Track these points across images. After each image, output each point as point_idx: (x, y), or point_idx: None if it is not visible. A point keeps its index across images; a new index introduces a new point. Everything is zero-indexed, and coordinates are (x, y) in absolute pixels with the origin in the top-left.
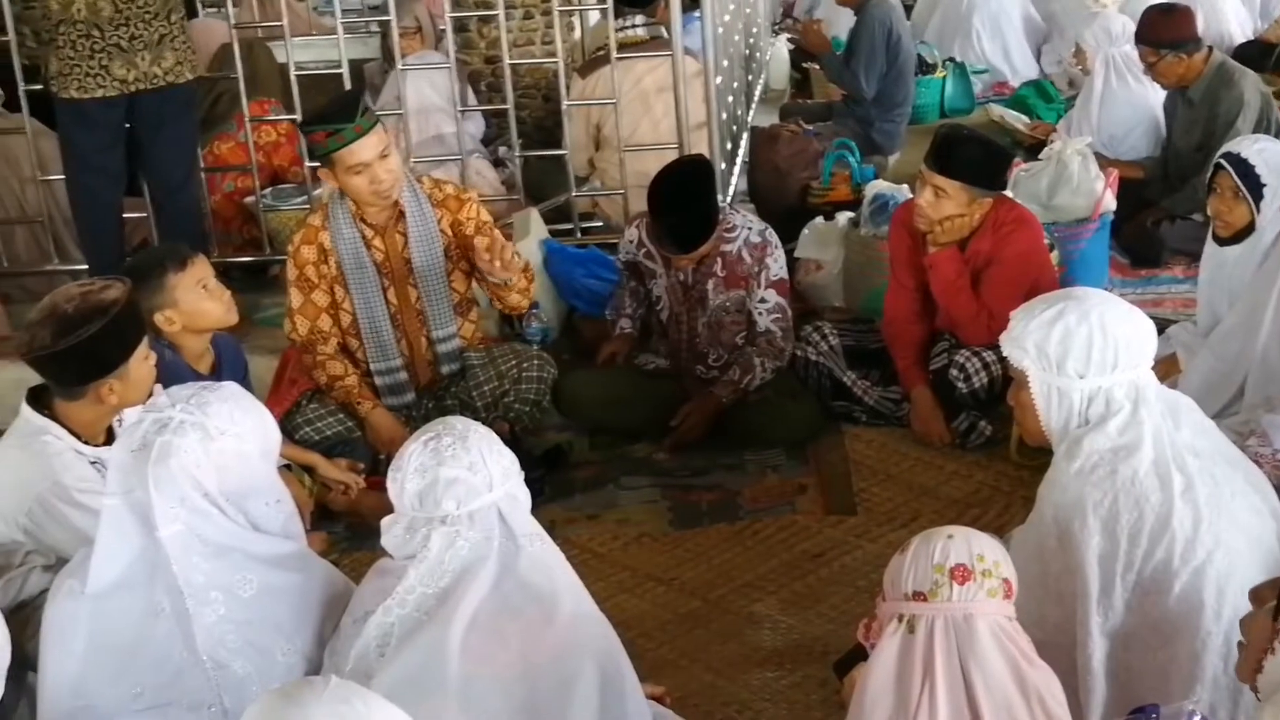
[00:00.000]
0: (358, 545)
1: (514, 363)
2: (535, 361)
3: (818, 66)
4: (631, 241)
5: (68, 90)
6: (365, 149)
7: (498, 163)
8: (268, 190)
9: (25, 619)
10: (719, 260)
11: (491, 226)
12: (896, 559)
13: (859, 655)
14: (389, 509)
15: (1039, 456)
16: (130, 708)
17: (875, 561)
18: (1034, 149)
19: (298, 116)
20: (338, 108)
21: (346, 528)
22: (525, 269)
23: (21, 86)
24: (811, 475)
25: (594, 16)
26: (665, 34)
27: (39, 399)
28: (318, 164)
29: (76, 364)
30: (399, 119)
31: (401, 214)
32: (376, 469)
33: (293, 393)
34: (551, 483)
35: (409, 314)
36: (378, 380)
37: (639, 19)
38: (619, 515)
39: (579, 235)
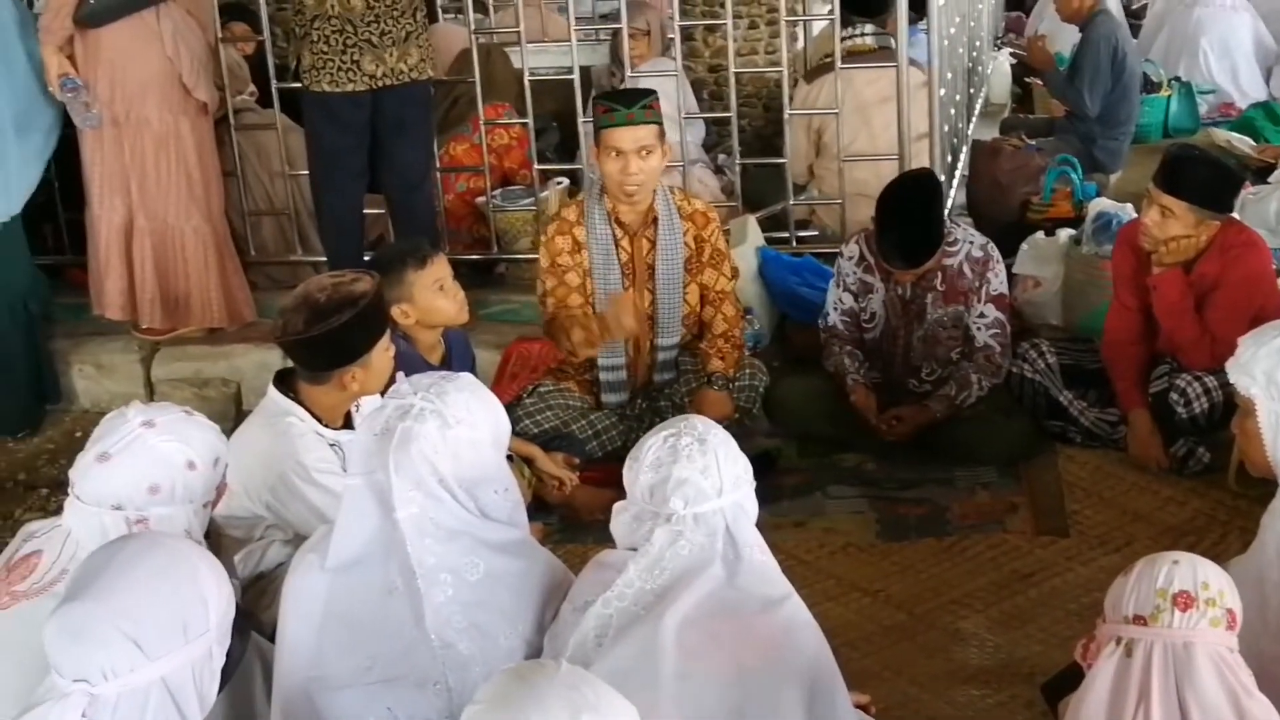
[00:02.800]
0: (571, 538)
1: None
2: (747, 369)
3: (1040, 82)
4: (851, 258)
5: (319, 84)
6: (626, 138)
7: (717, 170)
8: (498, 191)
9: (262, 589)
10: (940, 274)
11: (725, 259)
12: (1119, 580)
13: (1069, 678)
14: (601, 504)
15: (1258, 486)
16: (361, 680)
17: (1086, 585)
18: (1261, 172)
19: (529, 120)
20: (627, 92)
21: (560, 519)
22: (734, 343)
23: (274, 84)
24: (1023, 494)
25: (817, 26)
26: (893, 44)
27: (284, 382)
28: (552, 171)
29: (325, 350)
30: None
31: (653, 220)
32: (591, 464)
33: (513, 387)
34: (759, 488)
35: (640, 318)
36: (601, 375)
37: (868, 27)
38: (826, 524)
39: (794, 243)
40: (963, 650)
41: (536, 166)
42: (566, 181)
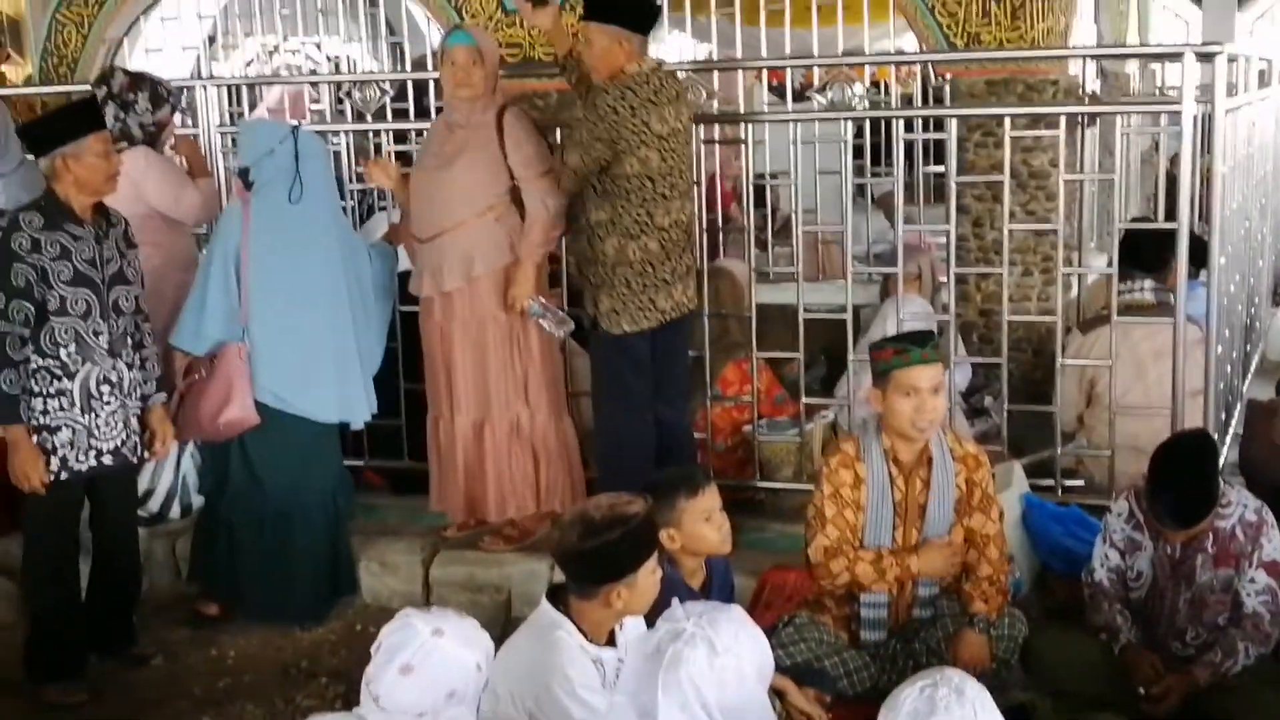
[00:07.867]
0: None
1: None
2: (1006, 619)
3: None
4: (1120, 514)
5: (619, 326)
6: (924, 376)
7: (979, 412)
8: (764, 420)
9: None
10: (1211, 536)
11: (994, 503)
12: None
13: None
14: None
15: None
16: None
17: None
18: None
19: (799, 354)
20: (915, 334)
21: None
22: (998, 587)
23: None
24: None
25: (1091, 275)
26: (1171, 300)
27: (556, 596)
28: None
29: (594, 565)
30: None
31: (928, 461)
32: (840, 702)
33: (768, 616)
34: None
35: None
36: (863, 612)
37: (1147, 283)
38: None
39: (1060, 492)
40: None
41: (804, 400)
42: (833, 415)
